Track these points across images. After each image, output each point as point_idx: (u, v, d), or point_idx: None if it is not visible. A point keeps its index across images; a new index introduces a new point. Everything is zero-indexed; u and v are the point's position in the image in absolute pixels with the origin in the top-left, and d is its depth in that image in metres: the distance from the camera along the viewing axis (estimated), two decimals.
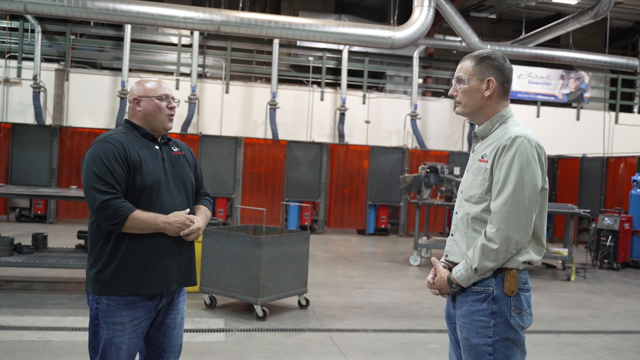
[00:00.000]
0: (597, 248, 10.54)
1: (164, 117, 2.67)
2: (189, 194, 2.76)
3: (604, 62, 14.50)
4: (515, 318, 2.30)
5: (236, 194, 13.16)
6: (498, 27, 20.20)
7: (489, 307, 2.30)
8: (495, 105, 2.46)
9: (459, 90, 2.47)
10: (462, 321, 2.37)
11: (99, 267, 2.54)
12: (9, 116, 14.22)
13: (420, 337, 5.55)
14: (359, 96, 16.18)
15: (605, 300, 7.78)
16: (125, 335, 2.52)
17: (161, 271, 2.58)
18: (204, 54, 15.92)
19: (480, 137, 2.50)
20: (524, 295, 2.34)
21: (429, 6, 11.09)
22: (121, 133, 2.65)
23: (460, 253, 2.41)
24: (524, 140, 2.32)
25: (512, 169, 2.28)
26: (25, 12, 10.38)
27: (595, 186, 13.43)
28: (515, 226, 2.25)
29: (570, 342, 5.63)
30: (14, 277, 7.17)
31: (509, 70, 2.46)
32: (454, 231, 2.49)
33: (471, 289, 2.34)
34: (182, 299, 2.77)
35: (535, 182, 2.30)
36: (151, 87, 2.68)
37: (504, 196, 2.28)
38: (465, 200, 2.45)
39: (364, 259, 10.33)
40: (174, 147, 2.81)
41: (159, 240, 2.57)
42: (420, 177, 9.85)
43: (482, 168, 2.39)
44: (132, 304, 2.53)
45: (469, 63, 2.46)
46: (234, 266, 5.85)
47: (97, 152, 2.51)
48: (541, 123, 17.00)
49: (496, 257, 2.26)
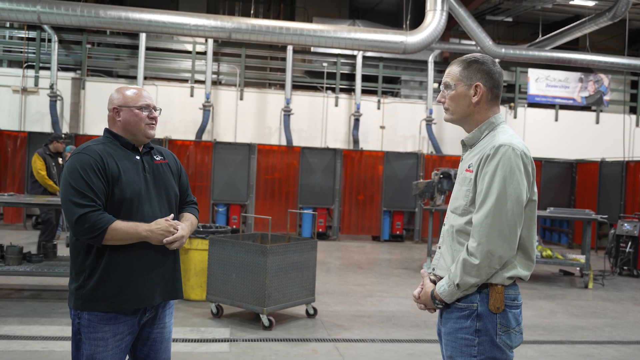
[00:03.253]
0: (616, 254, 10.29)
1: (144, 127, 2.60)
2: (172, 204, 2.69)
3: (623, 65, 14.22)
4: (502, 336, 2.19)
5: (250, 200, 13.14)
6: (515, 30, 19.98)
7: (473, 324, 2.19)
8: (485, 112, 2.34)
9: (447, 97, 2.37)
10: (446, 339, 2.28)
11: (79, 282, 2.49)
12: (26, 125, 14.39)
13: (429, 347, 5.43)
14: (373, 102, 16.09)
15: (624, 308, 7.58)
16: (108, 351, 2.47)
17: (144, 285, 2.52)
18: (218, 61, 15.97)
19: (468, 145, 2.40)
20: (511, 313, 2.22)
21: (442, 10, 10.97)
22: (100, 144, 2.58)
23: (445, 267, 2.31)
24: (508, 149, 2.19)
25: (494, 180, 2.17)
26: (40, 22, 10.51)
27: (614, 191, 13.15)
28: (497, 240, 2.13)
29: (584, 353, 5.47)
30: (24, 285, 7.20)
31: (498, 75, 2.34)
32: (441, 244, 2.40)
33: (455, 305, 2.24)
34: (169, 312, 2.71)
35: (520, 193, 2.17)
36: (131, 97, 2.61)
37: (485, 208, 2.17)
38: (451, 212, 2.35)
39: (377, 266, 10.22)
40: (157, 155, 2.73)
41: (141, 252, 2.51)
42: (433, 183, 9.73)
43: (467, 178, 2.29)
44: (114, 319, 2.48)
45: (456, 68, 2.36)
46: (240, 275, 5.80)
47: (75, 165, 2.46)
48: (560, 127, 16.74)
49: (478, 273, 2.15)
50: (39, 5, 10.19)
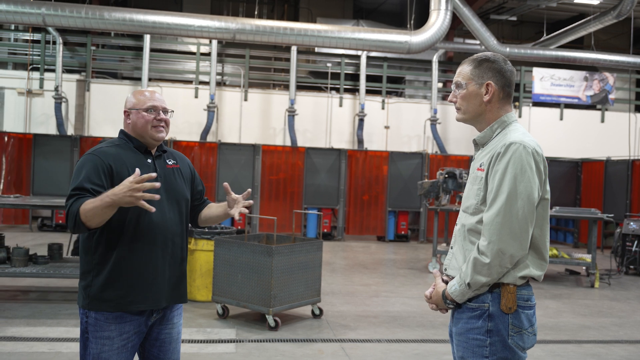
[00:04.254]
0: (622, 253, 10.25)
1: (150, 129, 2.59)
2: (181, 209, 2.68)
3: (628, 63, 14.15)
4: (514, 337, 2.16)
5: (255, 201, 13.15)
6: (519, 29, 19.93)
7: (485, 324, 2.17)
8: (496, 111, 2.33)
9: (458, 96, 2.36)
10: (457, 339, 2.26)
11: (87, 281, 2.50)
12: (32, 127, 14.43)
13: (435, 347, 5.42)
14: (377, 102, 16.08)
15: (630, 307, 7.55)
16: (113, 350, 2.47)
17: (150, 288, 2.52)
18: (223, 62, 15.99)
19: (480, 145, 2.38)
20: (524, 313, 2.19)
21: (446, 10, 10.96)
22: (113, 146, 2.59)
23: (457, 267, 2.29)
24: (519, 146, 2.17)
25: (505, 178, 2.15)
26: (44, 24, 10.55)
27: (620, 190, 13.10)
28: (508, 239, 2.11)
29: (591, 353, 5.45)
30: (30, 287, 7.22)
31: (509, 73, 2.32)
32: (453, 244, 2.38)
33: (466, 305, 2.22)
34: (177, 313, 2.71)
35: (531, 191, 2.14)
36: (140, 99, 2.61)
37: (496, 207, 2.15)
38: (462, 211, 2.34)
39: (383, 266, 10.21)
40: (170, 159, 2.72)
41: (149, 254, 2.51)
42: (438, 183, 9.71)
43: (478, 177, 2.27)
44: (120, 318, 2.48)
45: (467, 67, 2.35)
46: (246, 275, 5.80)
47: (81, 164, 2.47)
48: (565, 126, 16.68)
49: (489, 272, 2.13)
50: (43, 7, 10.22)
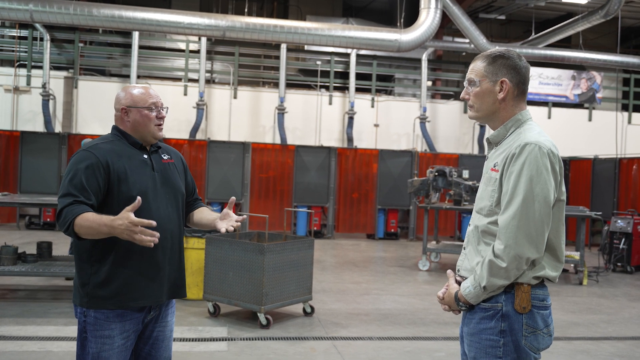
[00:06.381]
0: (610, 251, 10.35)
1: (153, 128, 2.59)
2: (178, 204, 2.69)
3: (615, 62, 14.29)
4: (528, 338, 2.12)
5: (244, 199, 13.12)
6: (508, 28, 20.03)
7: (498, 325, 2.13)
8: (511, 108, 2.27)
9: (471, 94, 2.29)
10: (469, 339, 2.22)
11: (84, 278, 2.47)
12: (19, 124, 14.30)
13: (426, 344, 5.45)
14: (367, 100, 16.10)
15: (618, 304, 7.62)
16: (113, 349, 2.46)
17: (150, 283, 2.51)
18: (212, 60, 15.92)
19: (494, 144, 2.33)
20: (539, 314, 2.14)
21: (436, 8, 10.99)
22: (108, 142, 2.57)
23: (470, 268, 2.25)
24: (534, 147, 2.11)
25: (520, 180, 2.09)
26: (32, 20, 10.44)
27: (608, 188, 13.22)
28: (525, 242, 2.06)
29: (580, 349, 5.50)
30: (19, 285, 7.16)
31: (524, 70, 2.26)
32: (466, 244, 2.33)
33: (479, 305, 2.18)
34: (171, 311, 2.71)
35: (547, 193, 2.09)
36: (140, 97, 2.58)
37: (512, 210, 2.09)
38: (476, 212, 2.29)
39: (373, 264, 10.23)
40: (164, 154, 2.72)
41: (149, 250, 2.47)
42: (428, 181, 9.74)
43: (492, 178, 2.22)
44: (121, 316, 2.47)
45: (481, 63, 2.28)
46: (237, 274, 5.79)
47: (75, 162, 2.46)
48: (553, 124, 16.78)
49: (507, 275, 2.09)
50: (31, 3, 10.10)
